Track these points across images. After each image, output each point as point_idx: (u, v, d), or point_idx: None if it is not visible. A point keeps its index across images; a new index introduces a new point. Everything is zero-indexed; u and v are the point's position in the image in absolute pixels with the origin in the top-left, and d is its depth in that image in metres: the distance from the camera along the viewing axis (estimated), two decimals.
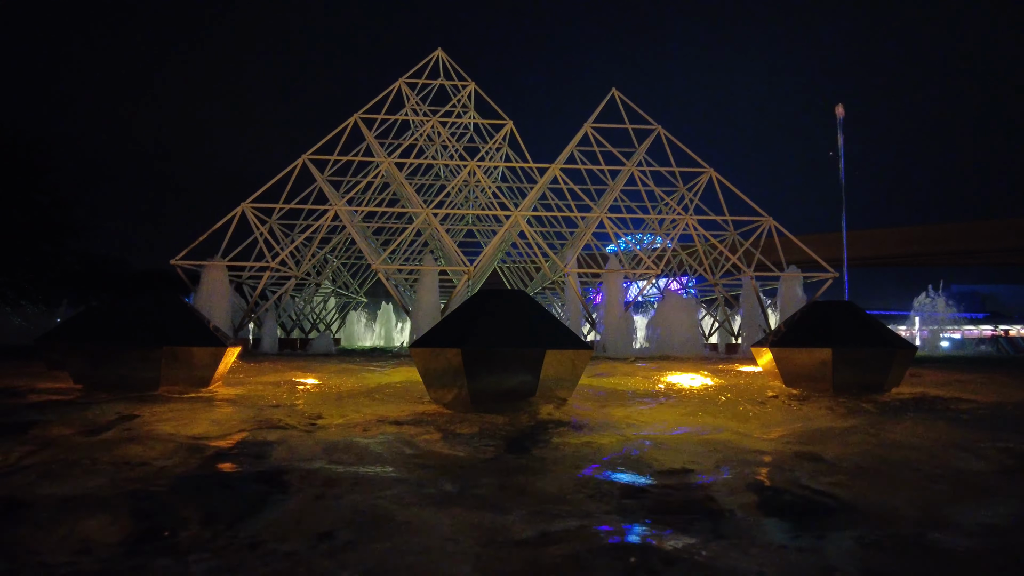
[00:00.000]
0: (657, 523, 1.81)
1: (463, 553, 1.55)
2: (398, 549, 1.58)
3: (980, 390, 6.01)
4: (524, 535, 1.66)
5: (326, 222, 19.48)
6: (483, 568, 1.46)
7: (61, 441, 2.90)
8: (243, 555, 1.54)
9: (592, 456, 2.78)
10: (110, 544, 1.62)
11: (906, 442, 3.18)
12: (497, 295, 4.74)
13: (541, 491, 2.16)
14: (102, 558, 1.52)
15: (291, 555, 1.54)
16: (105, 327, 5.13)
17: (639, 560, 1.51)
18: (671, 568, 1.46)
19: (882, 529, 1.77)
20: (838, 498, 2.08)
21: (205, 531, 1.70)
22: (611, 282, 17.97)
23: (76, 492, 2.05)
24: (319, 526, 1.75)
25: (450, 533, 1.69)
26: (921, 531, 1.78)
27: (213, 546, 1.59)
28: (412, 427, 3.49)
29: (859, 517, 1.89)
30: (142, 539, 1.68)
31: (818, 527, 1.80)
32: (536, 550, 1.58)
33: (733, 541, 1.66)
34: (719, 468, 2.52)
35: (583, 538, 1.67)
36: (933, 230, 45.53)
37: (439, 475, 2.37)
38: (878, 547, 1.64)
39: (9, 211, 19.42)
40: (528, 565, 1.49)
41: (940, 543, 1.67)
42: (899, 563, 1.56)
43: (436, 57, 23.78)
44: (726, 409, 4.43)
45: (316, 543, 1.62)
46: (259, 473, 2.39)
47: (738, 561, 1.51)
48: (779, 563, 1.52)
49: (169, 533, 1.69)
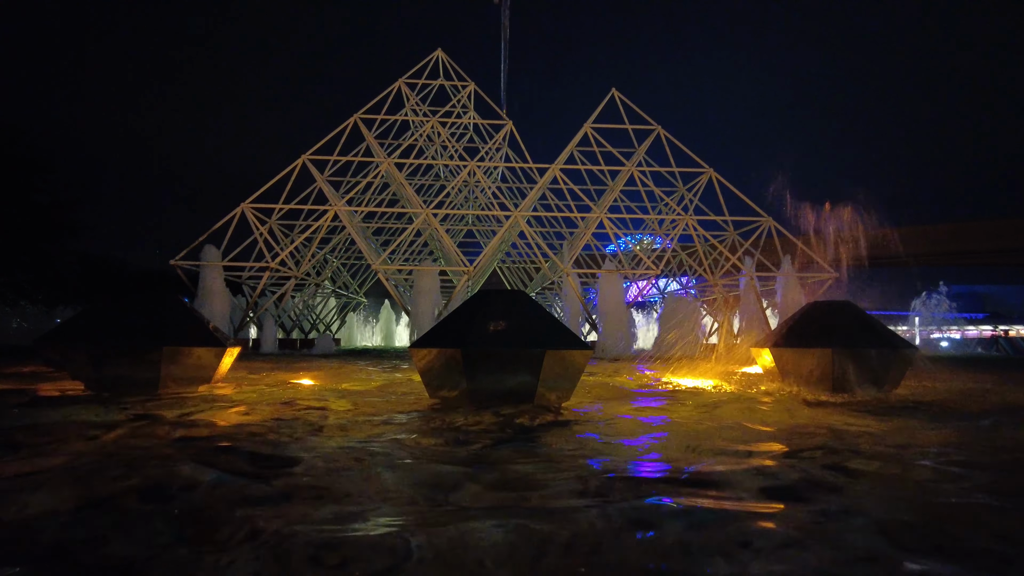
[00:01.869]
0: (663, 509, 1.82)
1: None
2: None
3: (980, 390, 6.02)
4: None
5: (326, 222, 19.49)
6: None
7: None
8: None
9: (592, 456, 2.78)
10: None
11: (905, 442, 3.18)
12: (497, 295, 4.75)
13: (542, 488, 2.16)
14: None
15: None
16: (105, 327, 5.13)
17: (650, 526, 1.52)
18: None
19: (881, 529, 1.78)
20: (834, 496, 2.08)
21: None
22: (610, 283, 17.98)
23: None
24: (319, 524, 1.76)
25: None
26: (918, 531, 1.78)
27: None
28: (412, 427, 3.49)
29: (854, 516, 1.89)
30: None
31: (815, 523, 1.80)
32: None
33: (742, 535, 1.66)
34: (719, 468, 2.52)
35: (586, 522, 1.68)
36: (931, 230, 45.57)
37: (440, 474, 2.37)
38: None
39: (9, 211, 19.41)
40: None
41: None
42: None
43: (436, 57, 23.80)
44: (724, 409, 4.43)
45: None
46: (259, 474, 2.39)
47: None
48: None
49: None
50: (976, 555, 1.62)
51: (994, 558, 1.61)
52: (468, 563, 1.49)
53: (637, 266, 21.04)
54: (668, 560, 1.53)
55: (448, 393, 4.42)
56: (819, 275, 19.04)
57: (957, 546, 1.68)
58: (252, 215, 18.77)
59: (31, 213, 20.28)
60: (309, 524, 1.74)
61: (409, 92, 23.30)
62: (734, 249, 20.97)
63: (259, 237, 18.68)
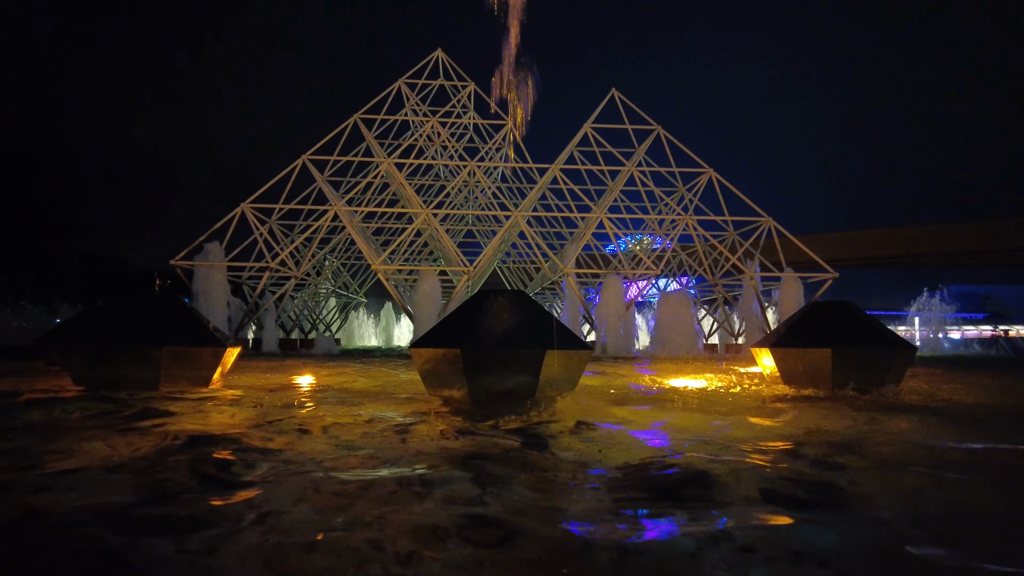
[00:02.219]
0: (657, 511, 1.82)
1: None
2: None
3: (979, 391, 6.02)
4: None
5: (326, 222, 19.49)
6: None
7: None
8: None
9: (593, 455, 2.78)
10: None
11: (905, 442, 3.18)
12: (497, 295, 4.74)
13: (544, 484, 2.16)
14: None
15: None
16: (105, 327, 5.13)
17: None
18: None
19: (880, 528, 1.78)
20: (835, 496, 2.08)
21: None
22: (610, 283, 17.99)
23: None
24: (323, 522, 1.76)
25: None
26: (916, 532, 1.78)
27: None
28: (412, 427, 3.49)
29: (857, 516, 1.89)
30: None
31: (812, 521, 1.80)
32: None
33: (741, 528, 1.66)
34: (720, 468, 2.52)
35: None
36: (930, 230, 45.54)
37: (440, 475, 2.37)
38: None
39: (9, 211, 19.41)
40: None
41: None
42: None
43: (436, 57, 23.79)
44: (726, 409, 4.43)
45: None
46: (259, 474, 2.39)
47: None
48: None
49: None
50: (977, 552, 1.62)
51: (992, 552, 1.61)
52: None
53: (637, 266, 21.04)
54: (670, 562, 1.53)
55: (448, 393, 4.42)
56: (819, 275, 19.06)
57: (959, 543, 1.68)
58: (252, 215, 18.77)
59: (31, 213, 20.28)
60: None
61: (409, 92, 23.30)
62: (734, 249, 20.96)
63: (259, 237, 18.69)
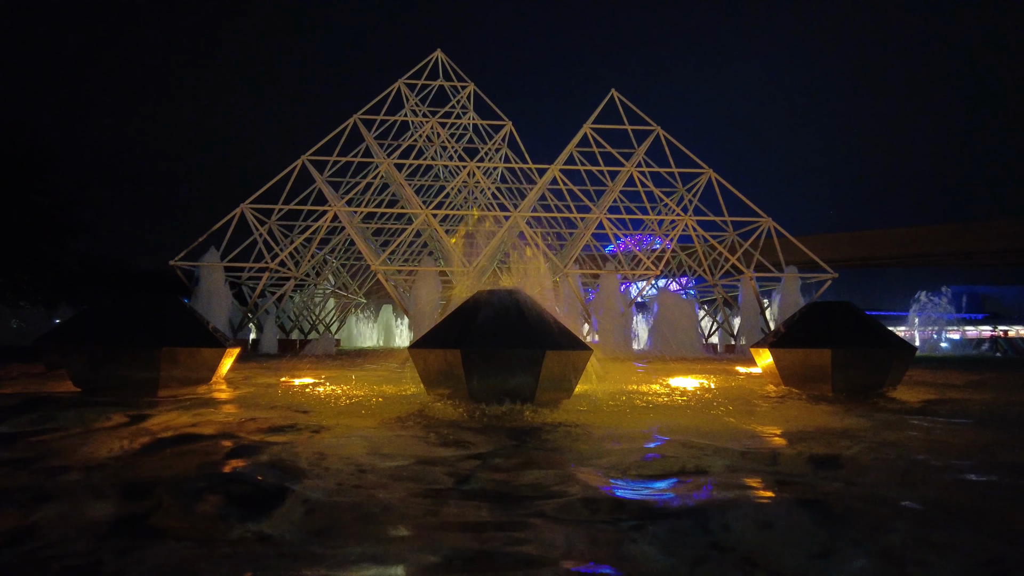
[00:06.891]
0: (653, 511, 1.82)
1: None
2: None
3: (978, 391, 6.02)
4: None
5: (325, 223, 19.48)
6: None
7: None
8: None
9: (593, 455, 2.78)
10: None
11: (905, 442, 3.18)
12: (497, 295, 4.74)
13: (543, 483, 2.16)
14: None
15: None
16: (105, 328, 5.12)
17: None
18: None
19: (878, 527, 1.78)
20: (835, 496, 2.08)
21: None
22: (608, 283, 18.00)
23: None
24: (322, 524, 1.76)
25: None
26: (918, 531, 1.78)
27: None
28: (412, 427, 3.49)
29: (856, 516, 1.89)
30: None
31: (812, 521, 1.80)
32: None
33: (736, 529, 1.66)
34: (720, 467, 2.52)
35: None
36: (930, 231, 45.59)
37: (441, 474, 2.37)
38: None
39: (8, 212, 19.40)
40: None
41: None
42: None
43: (436, 58, 23.80)
44: (725, 409, 4.43)
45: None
46: (258, 475, 2.39)
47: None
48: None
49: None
50: (977, 550, 1.62)
51: (991, 552, 1.61)
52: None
53: (637, 267, 21.04)
54: (672, 557, 1.53)
55: (447, 393, 4.41)
56: (819, 275, 19.06)
57: (960, 540, 1.68)
58: (252, 215, 18.76)
59: (31, 214, 20.28)
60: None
61: (409, 93, 23.31)
62: (733, 249, 20.96)
63: (259, 238, 18.69)
